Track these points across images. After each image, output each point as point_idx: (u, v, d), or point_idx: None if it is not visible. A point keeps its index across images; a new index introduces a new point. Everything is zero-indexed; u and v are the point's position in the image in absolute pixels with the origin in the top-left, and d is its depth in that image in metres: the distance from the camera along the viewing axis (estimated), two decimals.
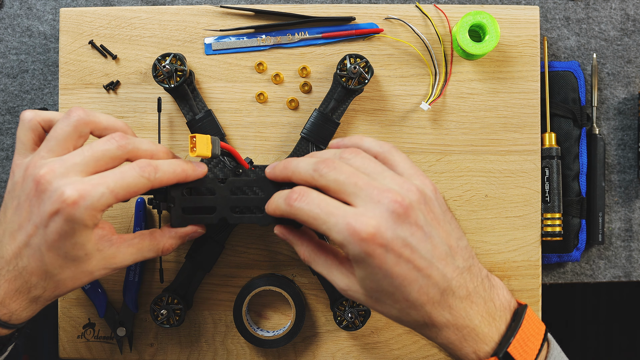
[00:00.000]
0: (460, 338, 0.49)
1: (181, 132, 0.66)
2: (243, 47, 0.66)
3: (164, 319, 0.63)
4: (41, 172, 0.48)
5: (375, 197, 0.47)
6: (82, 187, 0.47)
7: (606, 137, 0.70)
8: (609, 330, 1.26)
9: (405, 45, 0.66)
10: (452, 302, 0.49)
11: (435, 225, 0.49)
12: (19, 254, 0.50)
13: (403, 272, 0.47)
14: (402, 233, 0.47)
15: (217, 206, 0.57)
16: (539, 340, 0.51)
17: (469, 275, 0.50)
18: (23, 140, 0.54)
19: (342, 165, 0.49)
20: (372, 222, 0.46)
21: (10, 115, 0.71)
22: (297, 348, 0.67)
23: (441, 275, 0.48)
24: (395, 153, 0.53)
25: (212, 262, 0.65)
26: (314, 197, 0.49)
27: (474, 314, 0.49)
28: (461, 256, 0.50)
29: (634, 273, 0.70)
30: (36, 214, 0.48)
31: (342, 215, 0.47)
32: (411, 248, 0.47)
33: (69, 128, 0.51)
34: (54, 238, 0.48)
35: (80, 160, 0.49)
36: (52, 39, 0.70)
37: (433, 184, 0.51)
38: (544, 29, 0.69)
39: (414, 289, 0.48)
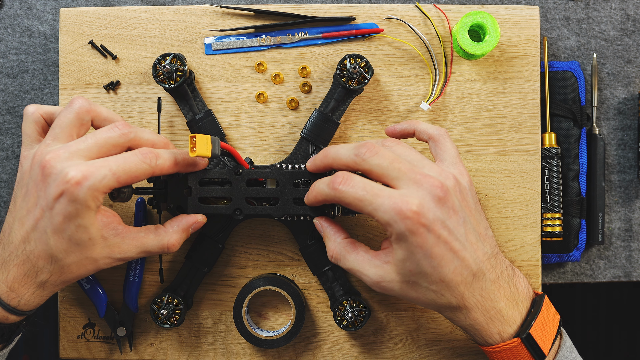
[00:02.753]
0: (487, 319, 0.53)
1: (181, 132, 0.66)
2: (243, 47, 0.66)
3: (164, 319, 0.63)
4: (47, 157, 0.50)
5: (419, 181, 0.50)
6: (85, 168, 0.49)
7: (606, 137, 0.70)
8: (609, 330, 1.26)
9: (405, 45, 0.66)
10: (482, 284, 0.52)
11: (468, 212, 0.53)
12: (27, 238, 0.52)
13: (441, 252, 0.50)
14: (441, 215, 0.50)
15: (232, 197, 0.59)
16: (554, 327, 0.55)
17: (495, 261, 0.53)
18: (28, 133, 0.56)
19: (384, 150, 0.52)
20: (415, 202, 0.49)
21: (11, 115, 0.71)
22: (297, 348, 0.67)
23: (473, 259, 0.52)
24: (447, 139, 0.57)
25: (212, 262, 0.65)
26: (359, 181, 0.52)
27: (500, 297, 0.53)
28: (489, 243, 0.54)
29: (634, 273, 0.70)
30: (43, 197, 0.50)
31: (387, 196, 0.50)
32: (449, 230, 0.50)
33: (72, 115, 0.54)
34: (59, 220, 0.50)
35: (84, 146, 0.51)
36: (52, 39, 0.70)
37: (469, 175, 0.55)
38: (544, 29, 0.69)
39: (450, 269, 0.51)
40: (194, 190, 0.59)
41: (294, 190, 0.59)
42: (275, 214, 0.59)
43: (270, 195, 0.59)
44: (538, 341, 0.53)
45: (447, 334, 0.66)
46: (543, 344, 0.53)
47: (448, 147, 0.56)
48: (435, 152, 0.57)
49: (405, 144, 0.55)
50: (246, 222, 0.66)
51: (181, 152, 0.56)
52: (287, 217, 0.61)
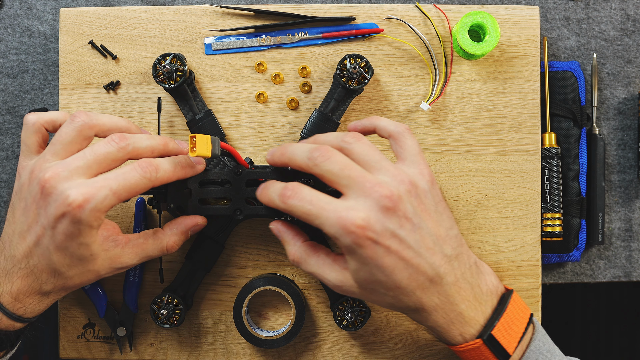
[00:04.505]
0: (447, 321, 0.53)
1: (181, 132, 0.66)
2: (243, 47, 0.66)
3: (164, 319, 0.63)
4: (46, 176, 0.50)
5: (367, 191, 0.49)
6: (86, 190, 0.49)
7: (606, 137, 0.70)
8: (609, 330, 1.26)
9: (405, 45, 0.66)
10: (439, 288, 0.52)
11: (425, 216, 0.51)
12: (30, 254, 0.52)
13: (393, 262, 0.50)
14: (390, 225, 0.49)
15: (232, 197, 0.59)
16: (523, 324, 0.54)
17: (457, 263, 0.53)
18: (27, 144, 0.56)
19: (336, 155, 0.51)
20: (361, 215, 0.48)
21: (10, 115, 0.71)
22: (297, 348, 0.67)
23: (428, 264, 0.51)
24: (407, 136, 0.55)
25: (212, 262, 0.65)
26: (306, 194, 0.51)
27: (460, 299, 0.52)
28: (450, 245, 0.53)
29: (634, 273, 0.70)
30: (43, 216, 0.50)
31: (333, 209, 0.49)
32: (399, 239, 0.50)
33: (74, 132, 0.53)
34: (61, 239, 0.50)
35: (82, 163, 0.51)
36: (52, 39, 0.70)
37: (431, 173, 0.53)
38: (544, 29, 0.69)
39: (404, 276, 0.50)
40: (194, 190, 0.59)
41: None
42: (275, 215, 0.59)
43: None
44: (501, 341, 0.53)
45: None
46: (507, 343, 0.53)
47: (408, 144, 0.55)
48: (396, 151, 0.55)
49: (365, 141, 0.53)
50: (246, 222, 0.66)
51: (180, 159, 0.56)
52: (287, 218, 0.61)
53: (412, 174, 0.52)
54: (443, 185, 0.66)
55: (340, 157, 0.51)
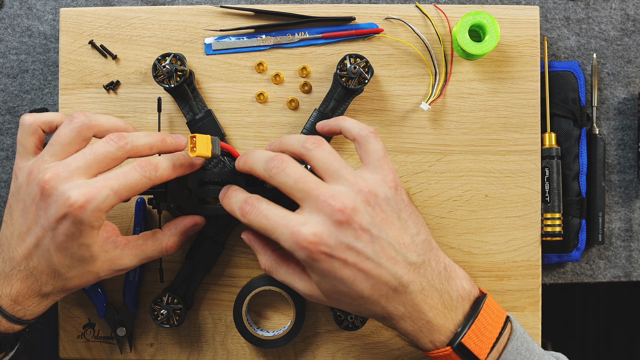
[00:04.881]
0: (416, 329, 0.52)
1: (181, 132, 0.66)
2: (243, 47, 0.66)
3: (164, 319, 0.63)
4: (46, 177, 0.50)
5: (320, 205, 0.49)
6: (87, 190, 0.49)
7: (606, 137, 0.70)
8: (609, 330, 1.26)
9: (405, 45, 0.66)
10: (404, 298, 0.51)
11: (385, 225, 0.51)
12: (29, 255, 0.52)
13: (352, 275, 0.49)
14: (345, 239, 0.49)
15: None
16: (497, 328, 0.53)
17: (423, 270, 0.52)
18: (24, 144, 0.55)
19: (291, 166, 0.51)
20: (313, 230, 0.48)
21: (10, 115, 0.71)
22: (297, 348, 0.67)
23: (390, 274, 0.50)
24: (371, 140, 0.54)
25: (212, 262, 0.65)
26: (263, 209, 0.51)
27: (427, 308, 0.52)
28: (415, 252, 0.52)
29: (634, 273, 0.70)
30: (44, 217, 0.50)
31: (286, 225, 0.49)
32: (356, 251, 0.49)
33: (73, 133, 0.52)
34: (61, 240, 0.50)
35: (82, 163, 0.51)
36: (52, 39, 0.70)
37: (395, 179, 0.52)
38: (544, 29, 0.69)
39: (366, 287, 0.50)
40: (194, 190, 0.59)
41: None
42: None
43: (270, 196, 0.59)
44: (472, 348, 0.52)
45: None
46: (479, 350, 0.52)
47: (372, 149, 0.54)
48: (360, 155, 0.54)
49: (326, 147, 0.52)
50: None
51: (178, 156, 0.56)
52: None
53: (372, 181, 0.51)
54: (443, 185, 0.66)
55: (294, 169, 0.51)
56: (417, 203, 0.66)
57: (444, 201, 0.66)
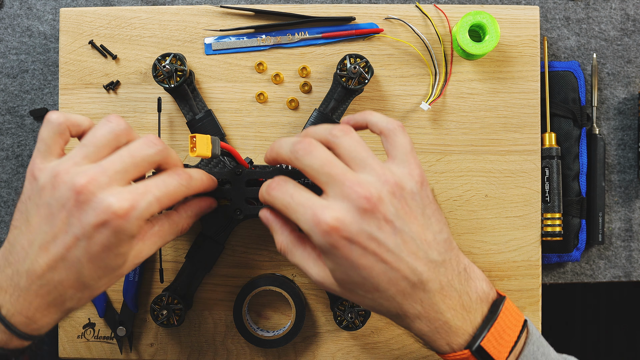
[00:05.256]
0: (432, 330, 0.50)
1: (181, 132, 0.66)
2: (243, 47, 0.66)
3: (164, 319, 0.63)
4: (82, 181, 0.46)
5: (345, 190, 0.47)
6: (130, 196, 0.46)
7: (606, 137, 0.70)
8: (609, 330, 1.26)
9: (405, 45, 0.66)
10: (422, 295, 0.49)
11: (409, 219, 0.49)
12: (54, 267, 0.47)
13: (370, 264, 0.48)
14: (367, 227, 0.47)
15: (232, 197, 0.59)
16: (515, 332, 0.51)
17: (443, 269, 0.50)
18: (49, 144, 0.50)
19: (319, 150, 0.49)
20: (335, 215, 0.47)
21: (10, 115, 0.71)
22: (297, 348, 0.67)
23: (411, 269, 0.48)
24: (398, 134, 0.52)
25: (212, 262, 0.65)
26: (289, 187, 0.50)
27: (446, 308, 0.50)
28: (436, 250, 0.50)
29: (634, 273, 0.70)
30: (76, 225, 0.46)
31: (310, 206, 0.48)
32: (377, 242, 0.47)
33: (111, 136, 0.49)
34: (97, 250, 0.47)
35: (121, 167, 0.48)
36: (52, 39, 0.70)
37: (422, 174, 0.51)
38: (544, 29, 0.69)
39: (383, 280, 0.48)
40: None
41: None
42: None
43: None
44: (491, 351, 0.50)
45: None
46: (497, 354, 0.50)
47: (399, 142, 0.52)
48: (386, 148, 0.52)
49: (354, 136, 0.51)
50: (246, 222, 0.66)
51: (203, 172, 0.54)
52: None
53: (399, 174, 0.50)
54: (443, 185, 0.66)
55: (322, 153, 0.49)
56: None
57: (444, 201, 0.66)
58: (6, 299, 0.47)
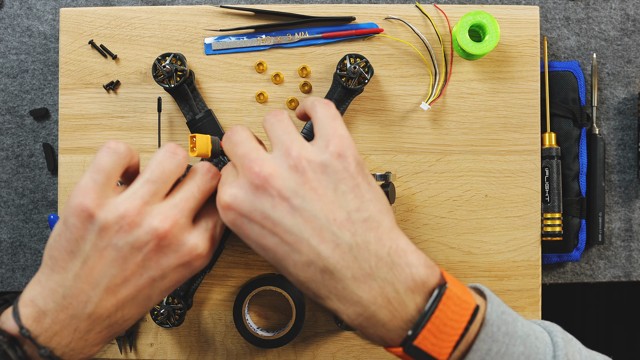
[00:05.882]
0: (360, 323, 0.44)
1: (181, 132, 0.66)
2: (243, 47, 0.66)
3: (164, 319, 0.63)
4: (166, 227, 0.45)
5: (243, 168, 0.46)
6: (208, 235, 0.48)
7: (606, 137, 0.70)
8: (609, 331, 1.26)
9: (405, 45, 0.66)
10: (334, 284, 0.44)
11: (313, 195, 0.44)
12: (121, 307, 0.46)
13: (272, 245, 0.45)
14: (260, 205, 0.44)
15: None
16: (461, 324, 0.43)
17: (358, 253, 0.44)
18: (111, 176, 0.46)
19: (237, 133, 0.48)
20: (230, 191, 0.45)
21: (10, 115, 0.71)
22: (297, 348, 0.67)
23: (315, 253, 0.43)
24: (317, 108, 0.49)
25: (212, 262, 0.65)
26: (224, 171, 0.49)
27: (367, 299, 0.43)
28: (349, 230, 0.44)
29: (634, 273, 0.70)
30: (154, 268, 0.45)
31: (220, 182, 0.48)
32: (272, 221, 0.44)
33: (178, 169, 0.48)
34: (169, 286, 0.47)
35: (194, 205, 0.47)
36: (52, 39, 0.70)
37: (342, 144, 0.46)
38: (544, 29, 0.69)
39: (289, 263, 0.45)
40: None
41: None
42: None
43: None
44: (429, 349, 0.43)
45: None
46: (438, 350, 0.43)
47: (318, 117, 0.48)
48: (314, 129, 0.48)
49: (280, 117, 0.48)
50: None
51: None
52: None
53: (311, 147, 0.46)
54: (443, 185, 0.66)
55: (237, 136, 0.48)
56: (417, 203, 0.66)
57: (444, 201, 0.66)
58: (62, 343, 0.45)
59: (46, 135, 0.71)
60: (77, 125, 0.66)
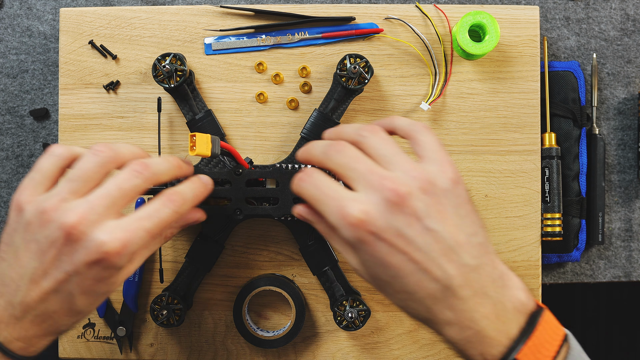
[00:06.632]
0: (464, 338, 0.47)
1: (181, 132, 0.66)
2: (243, 47, 0.66)
3: (164, 319, 0.63)
4: (72, 221, 0.46)
5: (373, 184, 0.46)
6: (122, 235, 0.46)
7: (606, 137, 0.70)
8: (609, 330, 1.26)
9: (405, 45, 0.66)
10: (454, 301, 0.46)
11: (441, 217, 0.46)
12: (46, 299, 0.47)
13: (398, 263, 0.46)
14: (395, 223, 0.45)
15: (232, 197, 0.59)
16: (554, 347, 0.47)
17: (477, 274, 0.47)
18: (46, 176, 0.49)
19: (348, 149, 0.49)
20: (363, 208, 0.45)
21: (11, 115, 0.71)
22: (297, 348, 0.67)
23: (441, 271, 0.46)
24: (423, 133, 0.51)
25: (212, 262, 0.65)
26: (316, 178, 0.49)
27: (479, 316, 0.46)
28: (469, 253, 0.47)
29: (634, 273, 0.70)
30: (67, 262, 0.46)
31: (337, 198, 0.47)
32: (406, 239, 0.45)
33: (97, 168, 0.48)
34: (89, 284, 0.47)
35: (109, 202, 0.47)
36: (52, 39, 0.70)
37: (455, 172, 0.48)
38: (544, 29, 0.69)
39: (411, 281, 0.46)
40: None
41: None
42: (275, 214, 0.59)
43: (270, 195, 0.59)
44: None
45: None
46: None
47: (425, 141, 0.50)
48: (415, 151, 0.50)
49: (382, 135, 0.50)
50: (246, 222, 0.66)
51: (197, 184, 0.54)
52: (287, 217, 0.61)
53: (430, 171, 0.48)
54: None
55: (351, 151, 0.48)
56: None
57: None
58: (2, 327, 0.48)
59: (46, 135, 0.71)
60: (77, 125, 0.66)
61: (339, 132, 0.53)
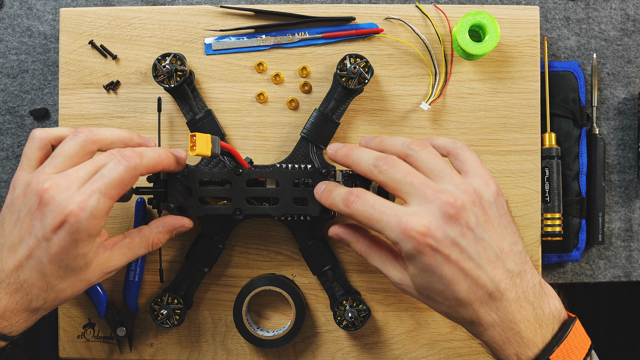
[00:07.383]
0: (504, 339, 0.50)
1: (181, 132, 0.66)
2: (243, 47, 0.66)
3: (164, 319, 0.63)
4: (45, 186, 0.49)
5: (429, 197, 0.49)
6: (80, 198, 0.49)
7: (606, 137, 0.70)
8: (609, 330, 1.26)
9: (405, 45, 0.66)
10: (499, 304, 0.50)
11: (488, 227, 0.50)
12: (20, 267, 0.50)
13: (451, 272, 0.49)
14: (451, 233, 0.49)
15: (232, 197, 0.59)
16: (582, 354, 0.51)
17: (519, 280, 0.51)
18: (30, 157, 0.54)
19: (401, 163, 0.52)
20: (422, 221, 0.48)
21: (10, 115, 0.71)
22: (297, 348, 0.67)
23: (489, 277, 0.49)
24: (465, 150, 0.55)
25: (212, 262, 0.65)
26: (369, 199, 0.51)
27: (520, 319, 0.50)
28: (513, 260, 0.51)
29: (634, 273, 0.70)
30: (38, 227, 0.49)
31: (394, 214, 0.49)
32: (460, 248, 0.49)
33: (77, 147, 0.52)
34: (56, 251, 0.49)
35: (83, 173, 0.50)
36: (52, 39, 0.70)
37: (496, 185, 0.52)
38: (544, 29, 0.69)
39: (462, 288, 0.49)
40: (194, 190, 0.59)
41: (293, 190, 0.60)
42: (275, 214, 0.59)
43: (270, 195, 0.59)
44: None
45: (447, 334, 0.66)
46: None
47: (467, 157, 0.54)
48: (457, 167, 0.54)
49: (431, 150, 0.53)
50: (246, 222, 0.66)
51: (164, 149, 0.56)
52: (287, 217, 0.61)
53: (476, 184, 0.52)
54: None
55: (404, 166, 0.51)
56: None
57: None
58: None
59: None
60: (77, 125, 0.66)
61: (384, 144, 0.55)
